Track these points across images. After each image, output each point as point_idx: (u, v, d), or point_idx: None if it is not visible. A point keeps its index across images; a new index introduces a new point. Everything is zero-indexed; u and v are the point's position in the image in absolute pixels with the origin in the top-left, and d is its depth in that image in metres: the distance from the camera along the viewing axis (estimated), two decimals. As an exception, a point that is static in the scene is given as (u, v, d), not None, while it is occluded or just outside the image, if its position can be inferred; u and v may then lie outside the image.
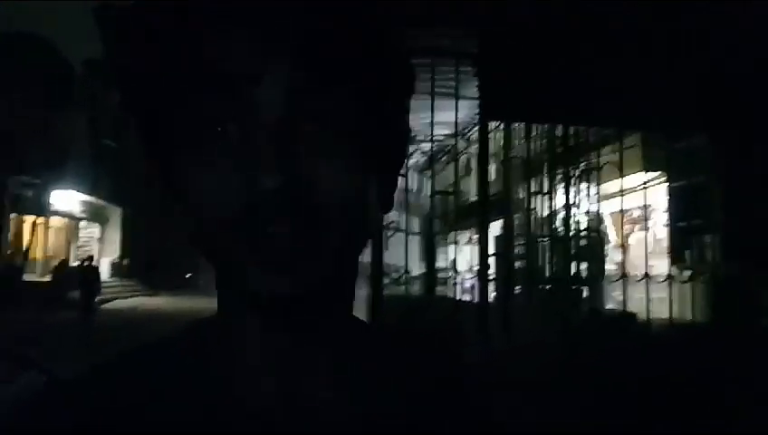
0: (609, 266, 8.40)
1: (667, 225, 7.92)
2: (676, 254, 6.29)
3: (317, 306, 0.50)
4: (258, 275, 0.46)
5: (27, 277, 19.30)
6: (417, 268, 7.15)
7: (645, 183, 5.72)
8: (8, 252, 19.02)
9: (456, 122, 6.09)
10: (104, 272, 26.78)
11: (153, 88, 0.48)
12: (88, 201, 24.17)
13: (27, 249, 20.29)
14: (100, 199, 24.54)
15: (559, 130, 5.93)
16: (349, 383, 0.53)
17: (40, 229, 21.76)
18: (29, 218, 20.61)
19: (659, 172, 7.52)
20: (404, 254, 5.24)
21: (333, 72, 0.46)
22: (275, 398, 0.51)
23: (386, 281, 5.23)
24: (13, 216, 19.85)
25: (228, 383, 0.52)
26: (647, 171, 5.71)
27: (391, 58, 0.51)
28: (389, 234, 5.51)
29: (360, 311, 7.04)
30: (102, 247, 26.52)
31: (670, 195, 7.62)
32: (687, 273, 5.62)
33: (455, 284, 5.83)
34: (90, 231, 26.94)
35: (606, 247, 8.32)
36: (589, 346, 4.89)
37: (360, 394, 0.54)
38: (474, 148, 6.63)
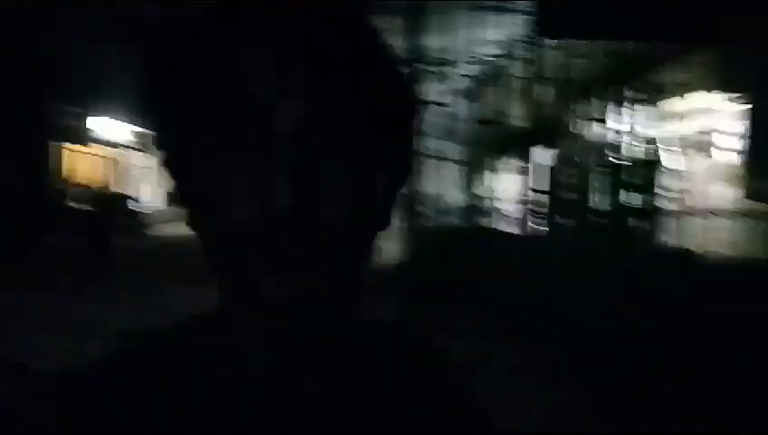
0: (671, 198, 7.78)
1: (742, 152, 7.03)
2: (751, 186, 5.59)
3: (325, 312, 0.51)
4: (268, 284, 0.48)
5: (72, 205, 19.81)
6: (456, 198, 6.77)
7: (723, 104, 5.07)
8: (53, 180, 19.51)
9: (502, 41, 5.60)
10: (161, 200, 27.56)
11: (174, 100, 0.51)
12: (140, 132, 24.56)
13: (70, 177, 20.73)
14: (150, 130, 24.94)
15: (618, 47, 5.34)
16: (354, 386, 0.55)
17: (85, 158, 22.17)
18: (74, 147, 20.97)
19: (733, 93, 6.67)
20: (443, 183, 4.89)
21: (347, 91, 0.48)
22: (278, 400, 0.52)
23: (424, 211, 4.88)
24: (58, 144, 20.22)
25: (230, 385, 0.52)
26: (725, 92, 5.04)
27: (400, 80, 0.54)
28: (428, 162, 5.14)
29: (394, 242, 6.70)
30: (158, 178, 27.16)
31: (751, 118, 6.63)
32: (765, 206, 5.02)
33: (496, 215, 5.46)
34: (149, 162, 27.60)
35: (666, 177, 7.66)
36: (645, 284, 4.48)
37: (363, 396, 0.55)
38: (520, 68, 6.09)
